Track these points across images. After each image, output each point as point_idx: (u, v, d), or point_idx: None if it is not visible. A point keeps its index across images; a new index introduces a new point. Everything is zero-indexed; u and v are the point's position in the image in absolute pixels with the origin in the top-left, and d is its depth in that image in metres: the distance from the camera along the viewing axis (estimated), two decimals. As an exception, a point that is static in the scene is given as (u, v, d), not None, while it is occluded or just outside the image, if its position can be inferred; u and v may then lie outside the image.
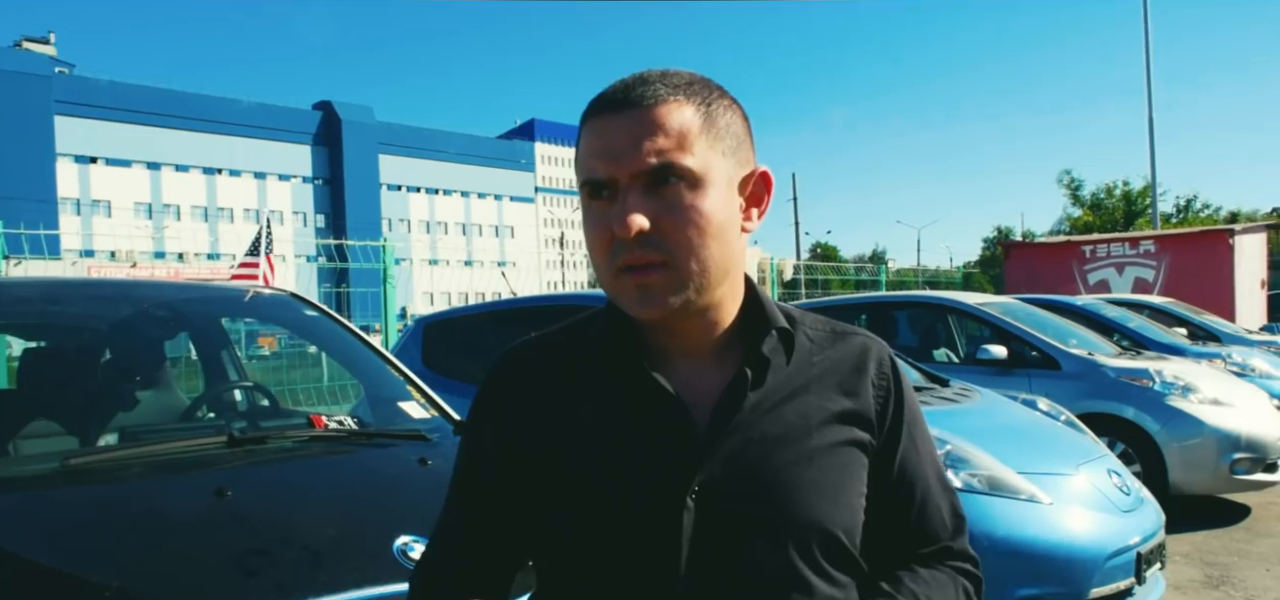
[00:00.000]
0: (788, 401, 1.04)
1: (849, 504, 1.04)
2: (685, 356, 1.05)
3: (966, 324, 8.05)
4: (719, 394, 1.03)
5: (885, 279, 18.64)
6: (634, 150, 0.97)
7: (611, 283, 1.01)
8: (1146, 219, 25.95)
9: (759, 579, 0.99)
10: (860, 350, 1.11)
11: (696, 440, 1.00)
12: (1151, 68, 21.00)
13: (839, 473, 1.04)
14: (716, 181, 1.00)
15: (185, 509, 2.10)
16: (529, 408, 1.08)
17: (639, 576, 0.99)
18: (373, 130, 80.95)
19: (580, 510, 1.01)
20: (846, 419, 1.06)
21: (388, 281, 7.98)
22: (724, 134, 1.01)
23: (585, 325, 1.12)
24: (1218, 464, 6.17)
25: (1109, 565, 3.59)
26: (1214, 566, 5.28)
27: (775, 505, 0.99)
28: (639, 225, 0.96)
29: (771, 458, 1.01)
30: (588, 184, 1.00)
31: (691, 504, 0.98)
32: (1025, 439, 4.25)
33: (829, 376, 1.07)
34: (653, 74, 1.02)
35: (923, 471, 1.12)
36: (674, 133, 0.98)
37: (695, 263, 0.98)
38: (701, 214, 0.98)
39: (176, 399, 3.57)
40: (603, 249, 1.00)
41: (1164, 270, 16.26)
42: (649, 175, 0.97)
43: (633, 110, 0.98)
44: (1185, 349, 9.16)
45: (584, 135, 1.02)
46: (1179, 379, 6.52)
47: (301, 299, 3.50)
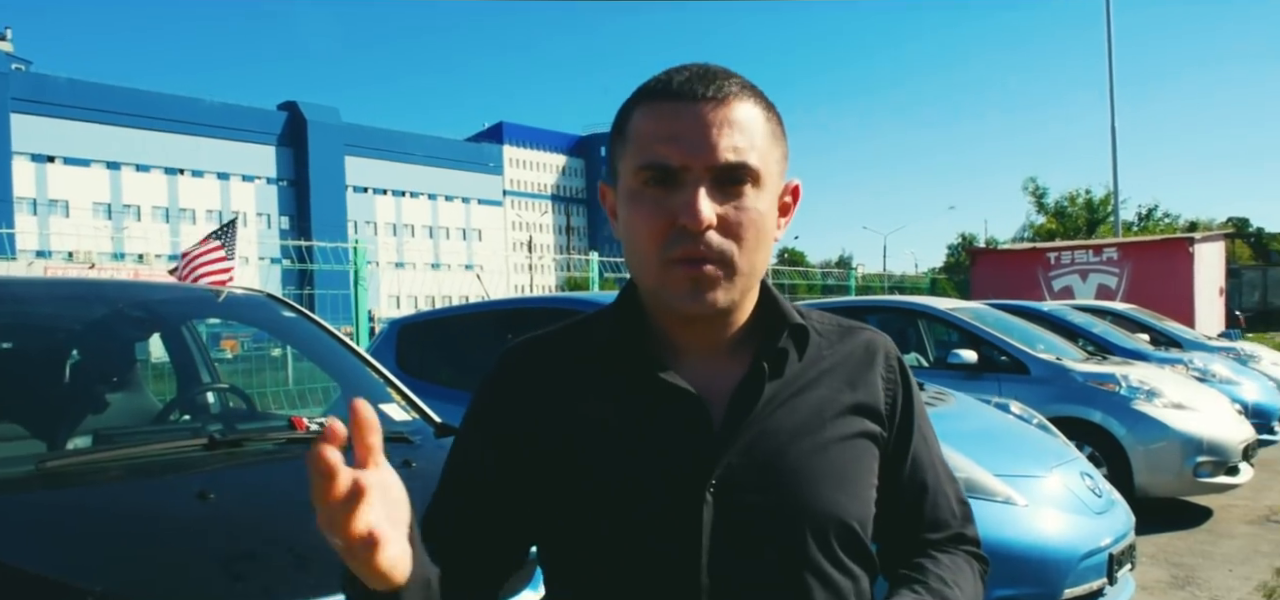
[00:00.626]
0: (801, 395, 1.05)
1: (862, 495, 1.05)
2: (699, 352, 1.05)
3: (936, 329, 8.14)
4: (733, 389, 1.03)
5: (854, 284, 18.78)
6: (710, 142, 0.96)
7: (659, 272, 0.98)
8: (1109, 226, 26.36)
9: (777, 569, 1.00)
10: (868, 345, 1.13)
11: (713, 434, 1.00)
12: (1114, 79, 21.39)
13: (853, 464, 1.05)
14: (770, 186, 1.01)
15: (168, 512, 2.07)
16: (537, 406, 1.06)
17: (660, 571, 0.99)
18: (339, 131, 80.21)
19: (599, 508, 1.01)
20: (858, 411, 1.07)
21: (360, 283, 7.91)
22: (778, 142, 1.03)
23: (591, 324, 1.11)
24: (1182, 467, 6.29)
25: (1082, 566, 3.64)
26: (1180, 567, 5.37)
27: (792, 496, 1.00)
28: (711, 218, 0.95)
29: (788, 450, 1.01)
30: (650, 168, 0.97)
31: (710, 497, 0.98)
32: (1000, 442, 4.30)
33: (839, 370, 1.09)
34: (721, 69, 1.01)
35: (932, 462, 1.14)
36: (747, 131, 0.98)
37: (747, 265, 0.99)
38: (761, 217, 0.99)
39: (148, 401, 3.51)
40: (656, 237, 0.97)
41: (1126, 277, 16.54)
42: (722, 171, 0.96)
43: (710, 103, 0.97)
44: (1148, 354, 9.32)
45: (647, 117, 0.99)
46: (1144, 384, 6.63)
47: (279, 300, 3.46)
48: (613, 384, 1.04)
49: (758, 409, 1.02)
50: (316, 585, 1.89)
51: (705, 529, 0.98)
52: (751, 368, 1.04)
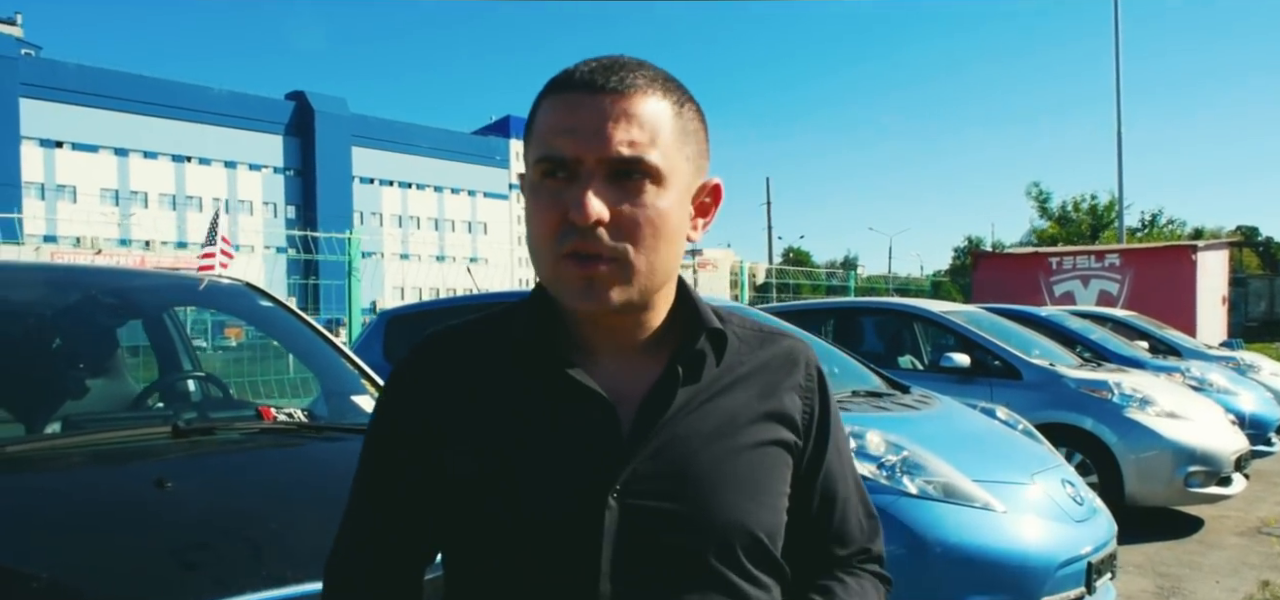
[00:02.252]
0: (715, 400, 1.03)
1: (772, 505, 1.03)
2: (612, 353, 1.03)
3: (931, 332, 8.11)
4: (645, 392, 1.01)
5: (855, 285, 18.76)
6: (605, 135, 0.93)
7: (552, 268, 0.96)
8: (1112, 232, 26.29)
9: (682, 577, 0.97)
10: (788, 353, 1.10)
11: (621, 438, 0.98)
12: (1121, 84, 21.29)
13: (764, 472, 1.03)
14: (676, 185, 0.98)
15: (122, 500, 2.06)
16: (444, 402, 1.04)
17: (560, 577, 0.97)
18: (346, 122, 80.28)
19: (500, 510, 0.98)
20: (773, 419, 1.05)
21: (353, 275, 7.91)
22: (690, 138, 1.00)
23: (507, 316, 1.08)
24: (1173, 476, 6.25)
25: (1060, 574, 3.62)
26: (1166, 577, 5.35)
27: (699, 503, 0.98)
28: (598, 213, 0.93)
29: (697, 456, 0.99)
30: (545, 160, 0.95)
31: (614, 503, 0.96)
32: (982, 447, 4.28)
33: (756, 377, 1.06)
34: (628, 61, 0.98)
35: (844, 475, 1.13)
36: (647, 126, 0.95)
37: (645, 263, 0.96)
38: (660, 214, 0.96)
39: (128, 388, 3.51)
40: (549, 231, 0.95)
41: (1128, 284, 16.49)
42: (616, 164, 0.94)
43: (609, 94, 0.95)
44: (1145, 362, 9.29)
45: (547, 109, 0.98)
46: (1137, 391, 6.60)
47: (257, 289, 3.44)
48: (521, 382, 1.02)
49: (669, 413, 1.00)
50: (270, 576, 1.88)
51: (607, 535, 0.96)
52: (666, 370, 1.01)
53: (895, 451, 3.75)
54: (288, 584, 1.89)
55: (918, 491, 3.62)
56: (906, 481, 3.64)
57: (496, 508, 0.99)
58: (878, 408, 4.41)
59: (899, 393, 4.92)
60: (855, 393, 4.61)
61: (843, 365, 5.23)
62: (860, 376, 5.04)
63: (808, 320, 7.79)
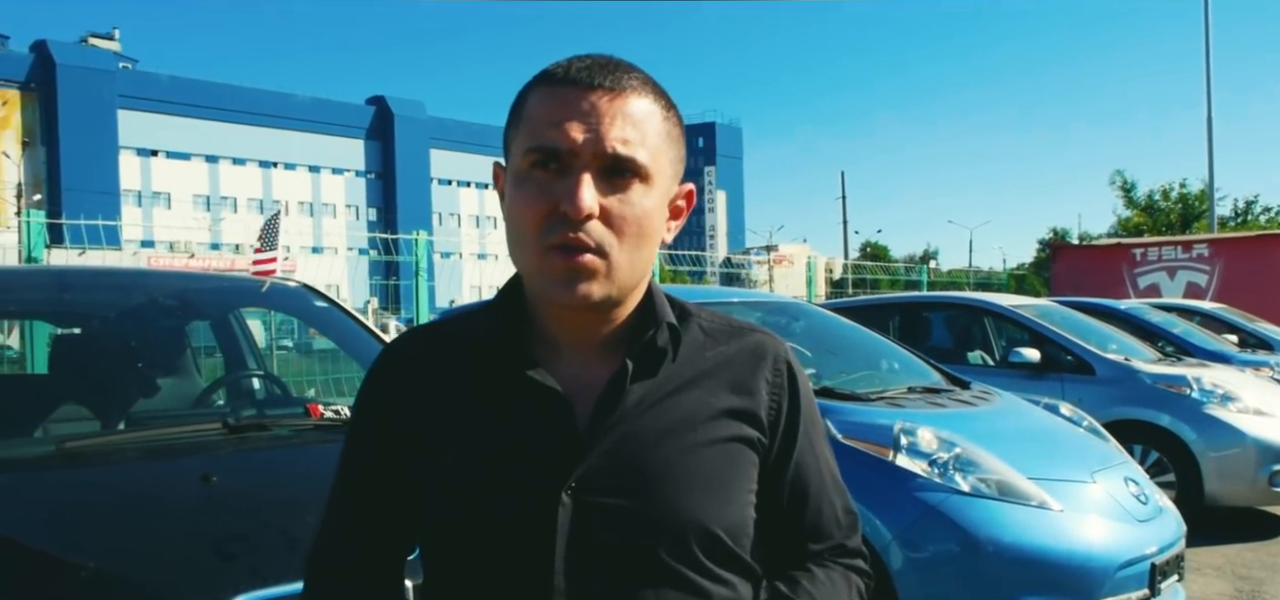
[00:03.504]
0: (673, 396, 1.03)
1: (732, 501, 1.02)
2: (574, 349, 1.04)
3: (1002, 327, 7.93)
4: (603, 389, 1.02)
5: (927, 279, 18.39)
6: (601, 131, 0.95)
7: (537, 259, 0.97)
8: (1204, 223, 25.25)
9: (635, 575, 0.98)
10: (755, 347, 1.10)
11: (577, 435, 0.99)
12: (1212, 66, 20.47)
13: (723, 469, 1.02)
14: (660, 186, 1.00)
15: (169, 493, 2.16)
16: (412, 397, 1.07)
17: (514, 573, 0.98)
18: (424, 125, 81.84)
19: (457, 504, 1.01)
20: (735, 415, 1.05)
21: (421, 275, 8.09)
22: (674, 143, 1.02)
23: (475, 316, 1.10)
24: (1257, 475, 6.01)
25: (1120, 575, 3.51)
26: (1245, 580, 5.14)
27: (653, 500, 0.98)
28: (592, 206, 0.94)
29: (652, 452, 1.00)
30: (539, 150, 0.96)
31: (567, 499, 0.97)
32: (1041, 444, 4.17)
33: (721, 372, 1.06)
34: (620, 61, 1.00)
35: (817, 470, 1.11)
36: (639, 126, 0.97)
37: (627, 262, 0.98)
38: (646, 215, 0.98)
39: (195, 386, 3.66)
40: (536, 221, 0.96)
41: (1218, 275, 15.81)
42: (609, 161, 0.96)
43: (606, 92, 0.97)
44: (1232, 356, 8.91)
45: (540, 100, 0.99)
46: (1218, 387, 6.35)
47: (312, 290, 3.56)
48: (483, 379, 1.04)
49: (625, 409, 1.01)
50: (303, 567, 1.95)
51: (561, 531, 0.97)
52: (621, 366, 1.02)
53: (947, 449, 3.67)
54: (323, 575, 1.96)
55: (970, 489, 3.55)
56: (958, 479, 3.57)
57: (455, 504, 1.01)
58: (933, 403, 4.32)
59: (957, 388, 4.83)
60: (910, 389, 4.53)
61: (901, 360, 5.15)
62: (918, 372, 4.95)
63: (874, 316, 7.67)
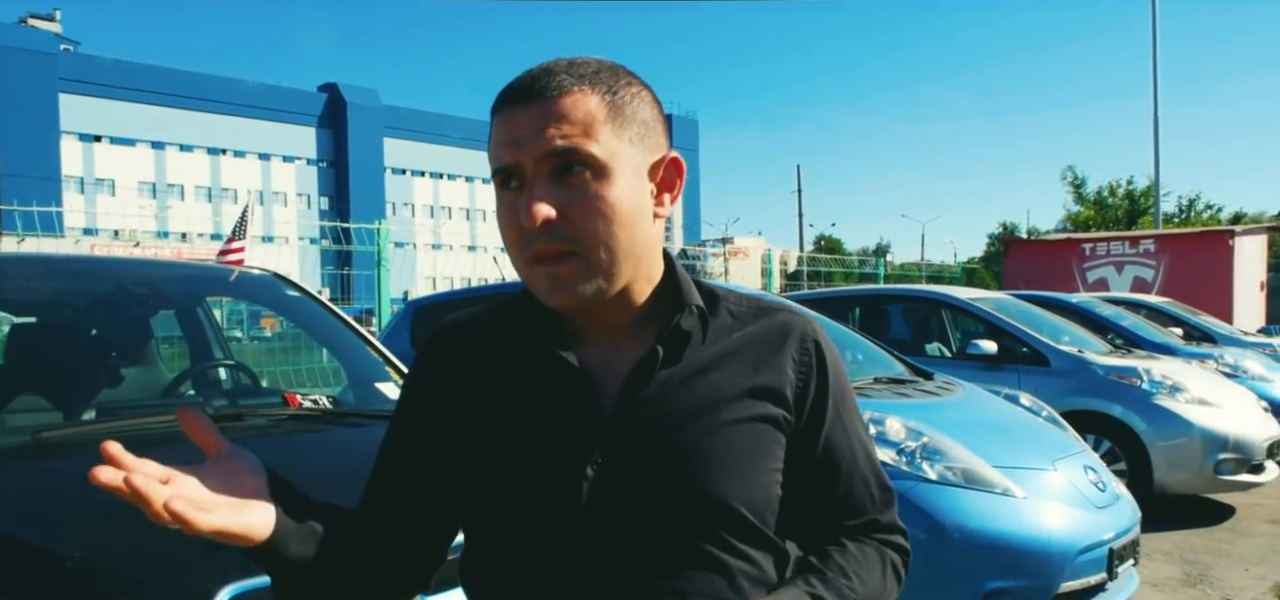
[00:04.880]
0: (699, 376, 1.05)
1: (757, 480, 1.04)
2: (600, 335, 1.07)
3: (959, 319, 8.08)
4: (629, 370, 1.04)
5: (884, 272, 18.65)
6: (538, 138, 0.98)
7: (525, 272, 1.02)
8: (1149, 218, 25.89)
9: (657, 549, 1.00)
10: (782, 326, 1.11)
11: (603, 414, 1.02)
12: (1159, 67, 20.94)
13: (748, 447, 1.04)
14: (623, 169, 1.00)
15: (151, 483, 2.13)
16: (453, 385, 1.11)
17: (545, 547, 1.02)
18: (378, 113, 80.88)
19: (488, 482, 1.04)
20: (760, 395, 1.06)
21: (382, 265, 8.02)
22: (630, 121, 1.02)
23: (511, 303, 1.13)
24: (1203, 463, 6.20)
25: (1080, 560, 3.62)
26: (1193, 565, 5.31)
27: (677, 479, 1.00)
28: (544, 214, 0.97)
29: (678, 432, 1.02)
30: (497, 173, 1.01)
31: (591, 473, 1.00)
32: (1003, 433, 4.28)
33: (746, 352, 1.08)
34: (559, 64, 1.02)
35: (849, 447, 1.12)
36: (578, 122, 0.98)
37: (604, 251, 0.99)
38: (608, 202, 0.99)
39: (161, 376, 3.60)
40: (514, 239, 1.01)
41: (1163, 270, 16.26)
42: (554, 163, 0.98)
43: (537, 100, 0.99)
44: (1178, 349, 9.17)
45: (493, 126, 1.03)
46: (1167, 378, 6.54)
47: (283, 279, 3.52)
48: (515, 364, 1.08)
49: (651, 389, 1.03)
50: (292, 557, 1.95)
51: (588, 507, 1.00)
52: (649, 348, 1.05)
53: (915, 438, 3.76)
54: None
55: (937, 477, 3.63)
56: (926, 467, 3.66)
57: (489, 484, 1.05)
58: (899, 394, 4.41)
59: (922, 380, 4.92)
60: (877, 380, 4.61)
61: (866, 352, 5.24)
62: (883, 363, 5.04)
63: (834, 308, 7.77)
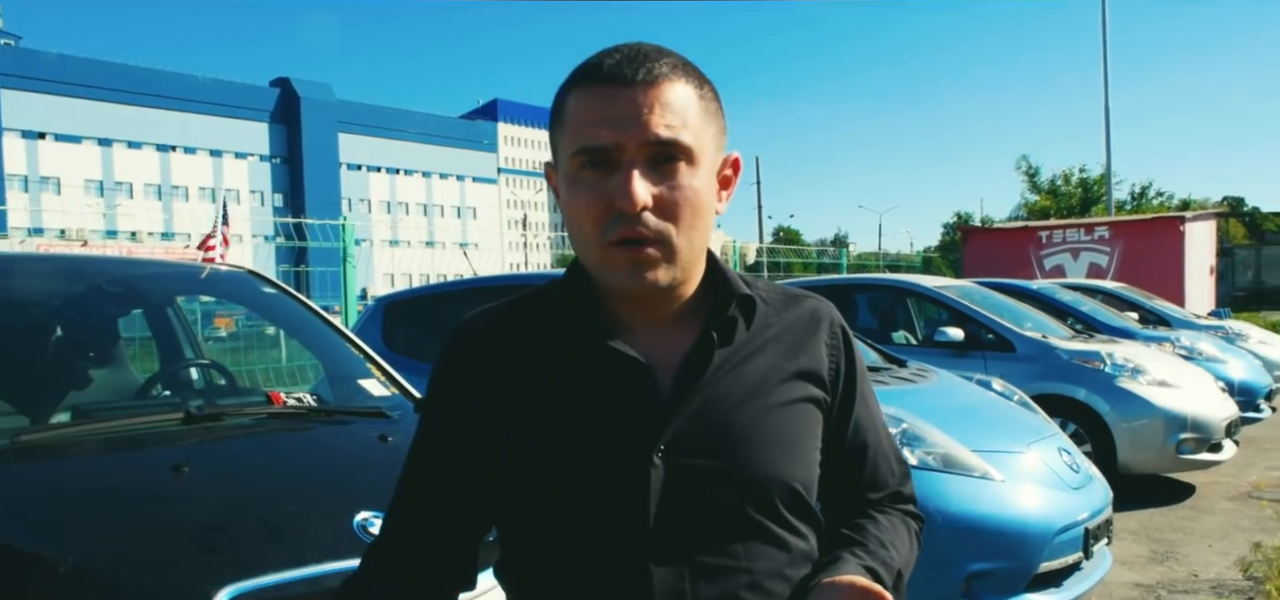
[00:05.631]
0: (747, 362, 1.08)
1: (805, 458, 1.09)
2: (648, 325, 1.08)
3: (925, 307, 8.16)
4: (682, 358, 1.06)
5: (846, 262, 18.81)
6: (642, 123, 0.98)
7: (599, 254, 1.01)
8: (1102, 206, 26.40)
9: (724, 530, 1.03)
10: (812, 313, 1.16)
11: (660, 401, 1.03)
12: (1109, 58, 21.35)
13: (797, 428, 1.09)
14: (706, 163, 1.03)
15: (141, 485, 2.08)
16: (489, 378, 1.09)
17: (609, 535, 1.02)
18: (332, 108, 79.84)
19: (551, 476, 1.04)
20: (802, 377, 1.11)
21: (348, 261, 7.90)
22: (713, 118, 1.05)
23: (542, 295, 1.13)
24: (1165, 444, 6.33)
25: (1058, 540, 3.68)
26: (1160, 543, 5.43)
27: (737, 459, 1.03)
28: (645, 198, 0.98)
29: (734, 415, 1.05)
30: (585, 152, 1.00)
31: (659, 461, 1.01)
32: (979, 418, 4.33)
33: (784, 338, 1.12)
34: (649, 49, 1.03)
35: (873, 425, 1.19)
36: (679, 111, 1.00)
37: (685, 242, 1.02)
38: (697, 194, 1.01)
39: (130, 377, 3.52)
40: (594, 219, 1.00)
41: (1117, 256, 16.59)
42: (654, 150, 0.99)
43: (641, 85, 0.99)
44: (1136, 332, 9.36)
45: (580, 101, 1.01)
46: (1129, 361, 6.67)
47: (259, 276, 3.46)
48: (563, 355, 1.07)
49: (706, 376, 1.05)
50: (289, 557, 1.92)
51: (653, 492, 1.01)
52: (700, 337, 1.07)
53: (894, 424, 3.78)
54: (307, 564, 1.92)
55: (918, 462, 3.67)
56: (906, 453, 3.69)
57: (547, 474, 1.04)
58: (876, 381, 4.44)
59: (896, 367, 4.97)
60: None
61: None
62: (857, 351, 5.08)
63: (802, 297, 7.80)
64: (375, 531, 2.06)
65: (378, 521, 2.08)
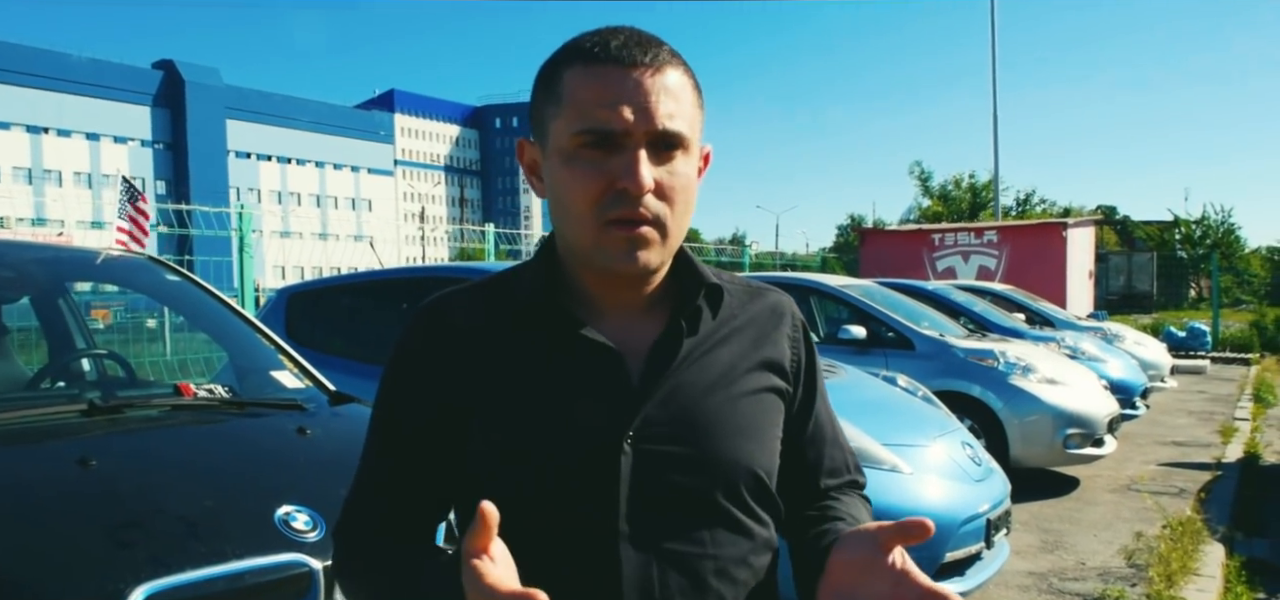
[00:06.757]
0: (714, 351, 1.09)
1: (769, 446, 1.11)
2: (617, 310, 1.08)
3: (827, 305, 8.35)
4: (651, 344, 1.06)
5: (748, 261, 19.10)
6: (650, 108, 0.99)
7: (595, 234, 1.01)
8: (990, 211, 27.50)
9: (692, 515, 1.04)
10: (775, 306, 1.18)
11: (631, 388, 1.03)
12: (997, 70, 22.25)
13: (762, 416, 1.10)
14: (694, 152, 1.05)
15: (47, 480, 1.96)
16: (457, 359, 1.07)
17: (579, 520, 1.01)
18: (220, 93, 76.93)
19: (519, 461, 1.02)
20: (766, 368, 1.12)
21: (245, 250, 7.60)
22: (700, 108, 1.07)
23: (509, 279, 1.12)
24: (1053, 439, 6.63)
25: (962, 531, 3.81)
26: (1049, 533, 5.68)
27: (705, 446, 1.04)
28: (651, 183, 0.99)
29: (702, 403, 1.05)
30: (590, 132, 0.99)
31: (628, 448, 1.02)
32: (887, 413, 4.46)
33: (749, 329, 1.13)
34: (646, 34, 1.04)
35: (830, 417, 1.23)
36: (679, 98, 1.02)
37: (676, 228, 1.03)
38: (690, 181, 1.04)
39: (16, 369, 3.32)
40: (592, 199, 1.00)
41: (1005, 259, 17.29)
42: (660, 137, 1.00)
43: (647, 69, 1.00)
44: (1024, 332, 9.77)
45: (581, 81, 1.01)
46: (1020, 360, 6.95)
47: (161, 263, 3.31)
48: (533, 339, 1.06)
49: (675, 364, 1.06)
50: (206, 553, 1.83)
51: (623, 479, 1.01)
52: (669, 325, 1.07)
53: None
54: (227, 560, 1.84)
55: (831, 456, 3.75)
56: (820, 447, 3.76)
57: (517, 460, 1.02)
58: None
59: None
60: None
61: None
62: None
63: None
64: (297, 526, 2.00)
65: (300, 515, 2.02)
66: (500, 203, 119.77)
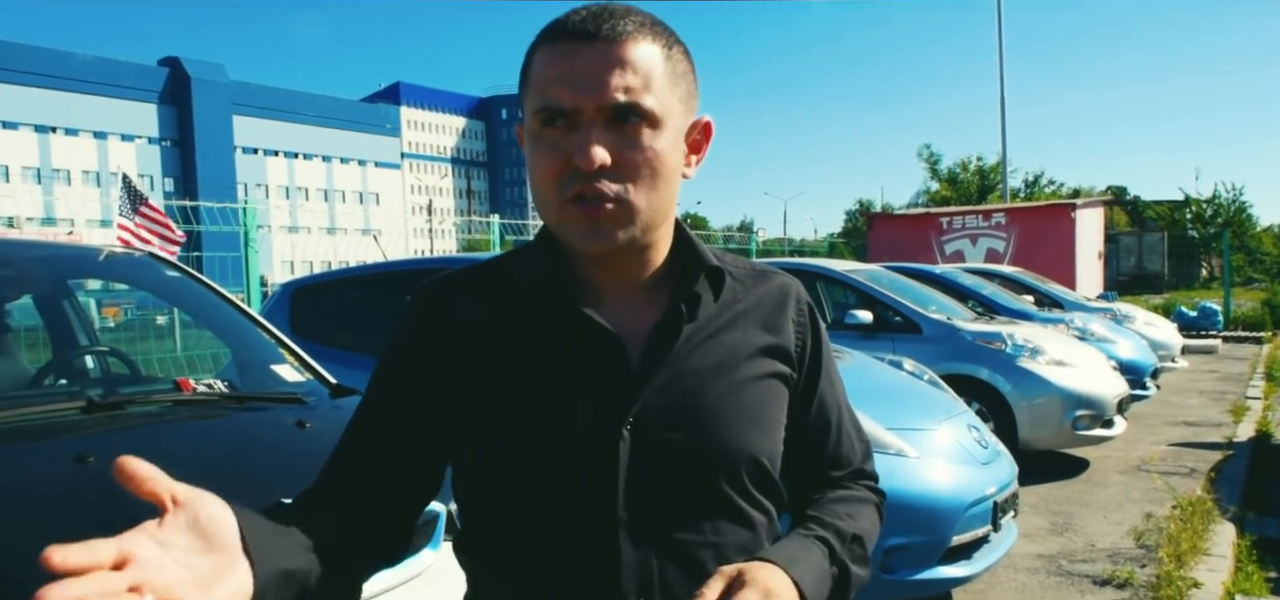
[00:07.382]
0: (717, 336, 1.07)
1: (772, 433, 1.08)
2: (617, 293, 1.06)
3: (834, 290, 8.32)
4: (651, 329, 1.05)
5: (755, 248, 19.06)
6: (602, 83, 0.96)
7: (558, 212, 1.00)
8: (998, 194, 27.40)
9: (692, 502, 1.02)
10: (781, 289, 1.15)
11: (631, 373, 1.02)
12: (1004, 50, 22.13)
13: (764, 403, 1.08)
14: (670, 125, 1.01)
15: (44, 477, 1.96)
16: (456, 340, 1.06)
17: (578, 505, 1.00)
18: (225, 89, 77.02)
19: (518, 444, 1.01)
20: (770, 353, 1.10)
21: (250, 246, 7.62)
22: (680, 79, 1.03)
23: (513, 260, 1.11)
24: (1062, 420, 6.61)
25: (969, 514, 3.79)
26: (1058, 515, 5.66)
27: (706, 433, 1.02)
28: (602, 158, 0.96)
29: (703, 388, 1.04)
30: (545, 110, 0.98)
31: (627, 434, 1.00)
32: (892, 397, 4.44)
33: (754, 313, 1.11)
34: (617, 7, 1.01)
35: (836, 402, 1.18)
36: (641, 71, 0.98)
37: (645, 203, 1.00)
38: (657, 155, 0.99)
39: (19, 366, 3.32)
40: (553, 178, 0.99)
41: (1013, 241, 17.23)
42: (614, 111, 0.97)
43: (602, 42, 0.97)
44: (1032, 314, 9.74)
45: (543, 59, 1.00)
46: (1028, 342, 6.92)
47: (162, 259, 3.30)
48: (533, 321, 1.05)
49: (675, 349, 1.04)
50: (206, 549, 1.83)
51: (622, 465, 1.00)
52: (668, 309, 1.05)
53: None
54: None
55: (836, 441, 3.73)
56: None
57: (515, 443, 1.01)
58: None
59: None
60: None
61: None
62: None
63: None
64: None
65: (299, 510, 2.01)
66: (507, 194, 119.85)
